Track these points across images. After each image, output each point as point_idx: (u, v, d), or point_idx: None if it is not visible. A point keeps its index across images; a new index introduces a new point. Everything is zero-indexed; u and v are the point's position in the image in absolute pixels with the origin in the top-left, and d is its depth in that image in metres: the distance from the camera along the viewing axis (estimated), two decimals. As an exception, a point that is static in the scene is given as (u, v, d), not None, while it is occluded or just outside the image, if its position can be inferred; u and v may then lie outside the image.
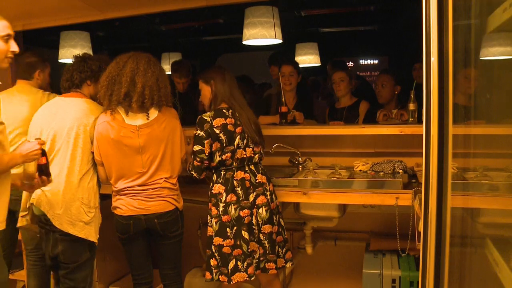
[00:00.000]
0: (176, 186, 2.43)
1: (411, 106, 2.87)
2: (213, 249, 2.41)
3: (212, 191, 2.45)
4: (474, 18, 1.65)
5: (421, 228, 1.33)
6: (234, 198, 2.39)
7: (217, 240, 2.39)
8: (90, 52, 3.96)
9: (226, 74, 2.50)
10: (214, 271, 2.41)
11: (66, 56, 3.96)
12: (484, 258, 1.69)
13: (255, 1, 3.14)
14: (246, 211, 2.39)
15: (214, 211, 2.42)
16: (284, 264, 2.54)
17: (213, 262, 2.41)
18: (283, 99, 3.23)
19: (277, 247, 2.50)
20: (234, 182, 2.41)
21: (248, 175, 2.45)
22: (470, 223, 2.07)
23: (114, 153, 2.31)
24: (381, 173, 2.69)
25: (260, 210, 2.43)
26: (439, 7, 1.23)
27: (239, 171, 2.44)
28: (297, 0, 4.59)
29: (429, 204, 1.28)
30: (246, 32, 3.23)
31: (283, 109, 3.19)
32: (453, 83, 1.26)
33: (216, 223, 2.40)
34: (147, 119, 2.31)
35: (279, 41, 3.29)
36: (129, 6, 3.20)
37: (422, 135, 1.30)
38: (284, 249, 2.54)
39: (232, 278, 2.37)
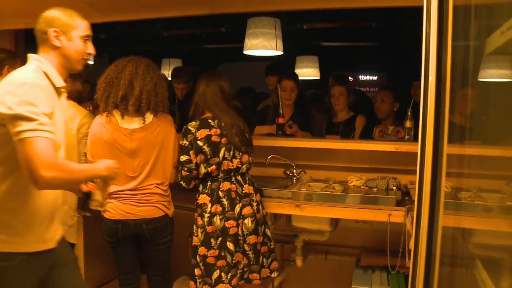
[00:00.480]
0: (168, 192, 2.42)
1: (408, 124, 2.86)
2: (198, 259, 2.39)
3: (197, 201, 2.43)
4: (473, 40, 1.66)
5: (411, 245, 1.33)
6: (219, 209, 2.37)
7: (202, 250, 2.37)
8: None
9: (210, 81, 2.47)
10: (198, 280, 2.40)
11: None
12: (473, 279, 1.69)
13: (258, 12, 3.16)
14: (231, 222, 2.36)
15: (199, 221, 2.40)
16: (269, 274, 2.52)
17: (197, 271, 2.39)
18: (280, 111, 3.23)
19: (261, 257, 2.48)
20: (220, 192, 2.39)
21: (234, 185, 2.42)
22: (461, 243, 2.06)
23: (106, 155, 2.29)
24: (375, 189, 2.68)
25: (246, 221, 2.40)
26: (439, 27, 1.24)
27: (225, 182, 2.41)
28: (299, 13, 4.62)
29: (421, 222, 1.27)
30: (248, 42, 3.24)
31: (280, 120, 3.18)
32: (450, 102, 1.26)
33: (201, 233, 2.38)
34: (143, 123, 2.30)
35: (280, 52, 3.30)
36: (131, 10, 3.20)
37: (417, 153, 1.29)
38: (270, 259, 2.52)
39: None
